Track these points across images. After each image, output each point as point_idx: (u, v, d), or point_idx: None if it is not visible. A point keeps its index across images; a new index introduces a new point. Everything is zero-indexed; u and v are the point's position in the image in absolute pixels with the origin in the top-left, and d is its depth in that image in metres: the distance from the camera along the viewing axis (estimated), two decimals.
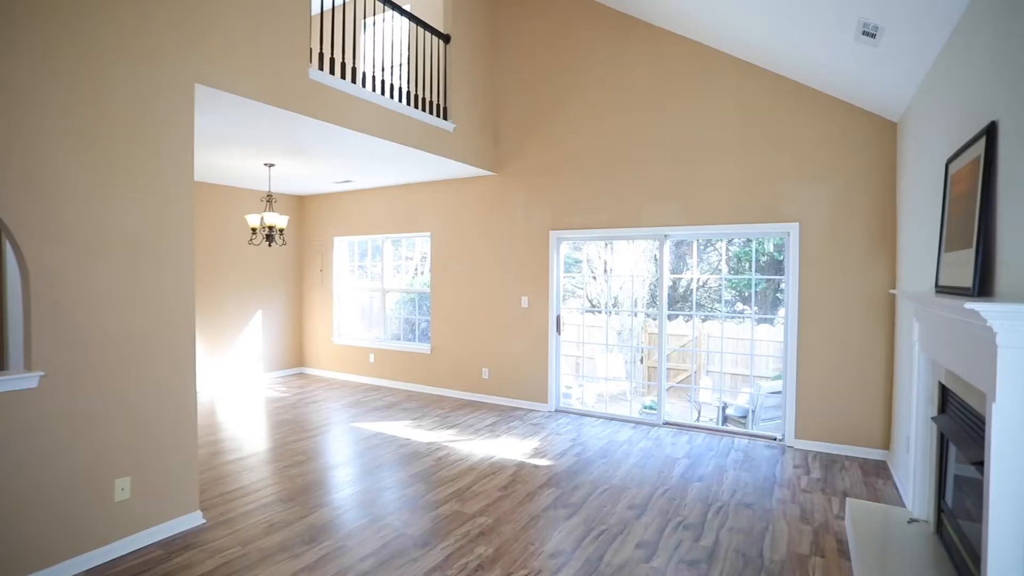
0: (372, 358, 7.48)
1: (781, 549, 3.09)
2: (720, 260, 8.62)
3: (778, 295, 7.04)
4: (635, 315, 8.24)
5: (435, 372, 6.89)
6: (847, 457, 4.56)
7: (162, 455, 3.18)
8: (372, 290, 7.70)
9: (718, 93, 5.06)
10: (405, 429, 5.35)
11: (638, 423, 5.56)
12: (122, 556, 2.97)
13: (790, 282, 4.82)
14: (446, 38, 5.59)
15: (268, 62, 3.75)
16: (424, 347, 6.99)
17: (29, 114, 2.64)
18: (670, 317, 5.52)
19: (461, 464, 4.40)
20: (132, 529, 3.05)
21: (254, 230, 6.07)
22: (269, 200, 6.10)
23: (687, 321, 8.06)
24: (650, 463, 4.42)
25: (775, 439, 4.97)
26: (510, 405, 6.25)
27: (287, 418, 5.75)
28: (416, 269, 8.13)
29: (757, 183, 4.92)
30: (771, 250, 7.67)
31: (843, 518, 3.44)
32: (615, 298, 8.71)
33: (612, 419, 5.71)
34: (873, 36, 3.18)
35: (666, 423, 5.48)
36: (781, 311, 5.26)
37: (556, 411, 6.01)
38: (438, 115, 5.47)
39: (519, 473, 4.21)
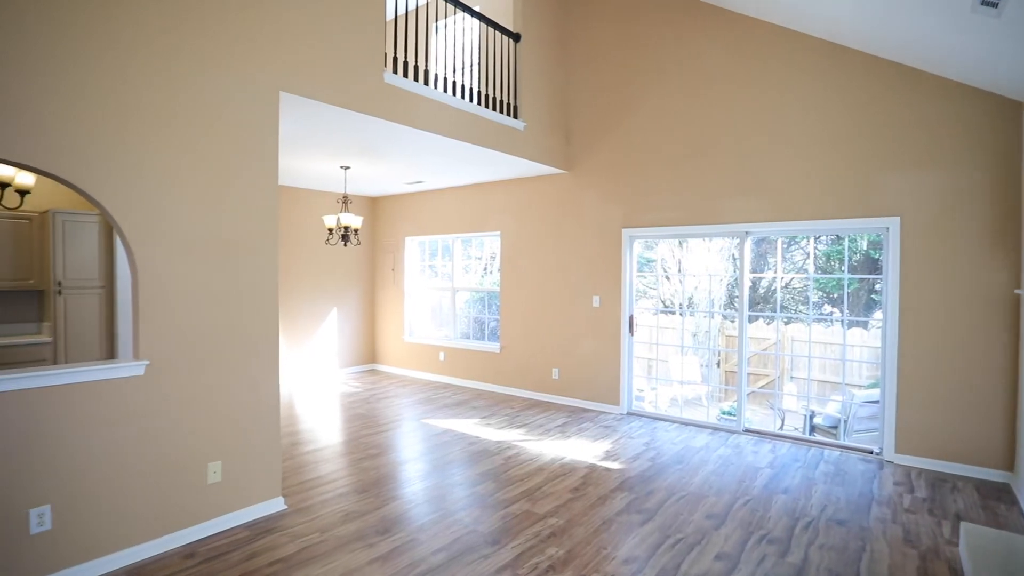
0: (442, 356, 7.60)
1: (881, 572, 2.82)
2: (806, 259, 8.10)
3: (873, 296, 6.50)
4: (711, 316, 7.90)
5: (504, 371, 6.90)
6: (960, 477, 4.12)
7: (249, 442, 3.35)
8: (442, 289, 7.83)
9: (803, 79, 4.73)
10: (474, 427, 5.38)
11: (716, 429, 5.31)
12: (214, 534, 3.15)
13: (889, 282, 4.43)
14: (516, 37, 5.58)
15: (346, 68, 3.87)
16: (493, 346, 7.02)
17: (138, 127, 2.86)
18: (750, 319, 5.22)
19: (531, 464, 4.36)
20: (222, 510, 3.23)
21: (330, 230, 6.32)
22: (345, 201, 6.33)
23: (768, 323, 7.62)
24: (729, 471, 4.20)
25: (872, 452, 4.58)
26: (580, 406, 6.15)
27: (360, 412, 5.93)
28: (485, 268, 8.19)
29: (850, 174, 4.56)
30: (865, 247, 7.11)
31: (956, 544, 3.10)
32: (689, 298, 8.40)
33: (687, 424, 5.48)
34: (995, 6, 2.84)
35: (746, 430, 5.19)
36: (877, 314, 4.85)
37: (628, 414, 5.85)
38: (509, 114, 5.47)
39: (590, 475, 4.11)
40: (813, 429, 5.42)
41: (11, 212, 4.84)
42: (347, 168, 5.99)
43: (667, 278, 8.56)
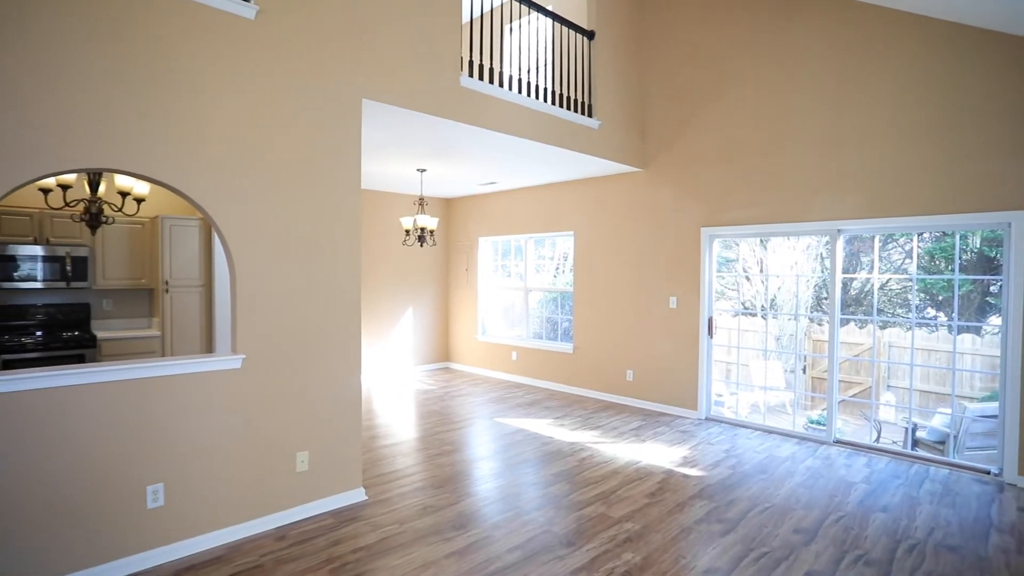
0: (514, 356, 7.65)
1: None
2: (905, 258, 7.48)
3: (988, 299, 5.88)
4: (796, 319, 7.45)
5: (577, 372, 6.84)
6: None
7: (332, 435, 3.51)
8: (515, 289, 7.88)
9: (905, 62, 4.36)
10: (547, 427, 5.37)
11: (803, 439, 5.00)
12: (301, 520, 3.33)
13: (1011, 283, 3.99)
14: (590, 34, 5.52)
15: (424, 74, 3.98)
16: (566, 346, 6.98)
17: (237, 139, 3.07)
18: (841, 323, 4.88)
19: (605, 467, 4.29)
20: (309, 497, 3.40)
21: (407, 232, 6.52)
22: (421, 203, 6.51)
23: (862, 327, 7.09)
24: (819, 484, 3.94)
25: (988, 473, 4.14)
26: (655, 410, 5.99)
27: (435, 409, 6.07)
28: (557, 268, 8.16)
29: (961, 165, 4.15)
30: (978, 245, 6.46)
31: None
32: (772, 300, 7.97)
33: (771, 432, 5.20)
34: None
35: (838, 441, 4.85)
36: (993, 319, 4.38)
37: (706, 419, 5.63)
38: (583, 113, 5.42)
39: (667, 481, 3.99)
40: (915, 444, 4.99)
41: (129, 218, 5.36)
42: (423, 171, 6.16)
43: (747, 279, 8.17)
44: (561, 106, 5.17)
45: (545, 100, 5.05)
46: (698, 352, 5.66)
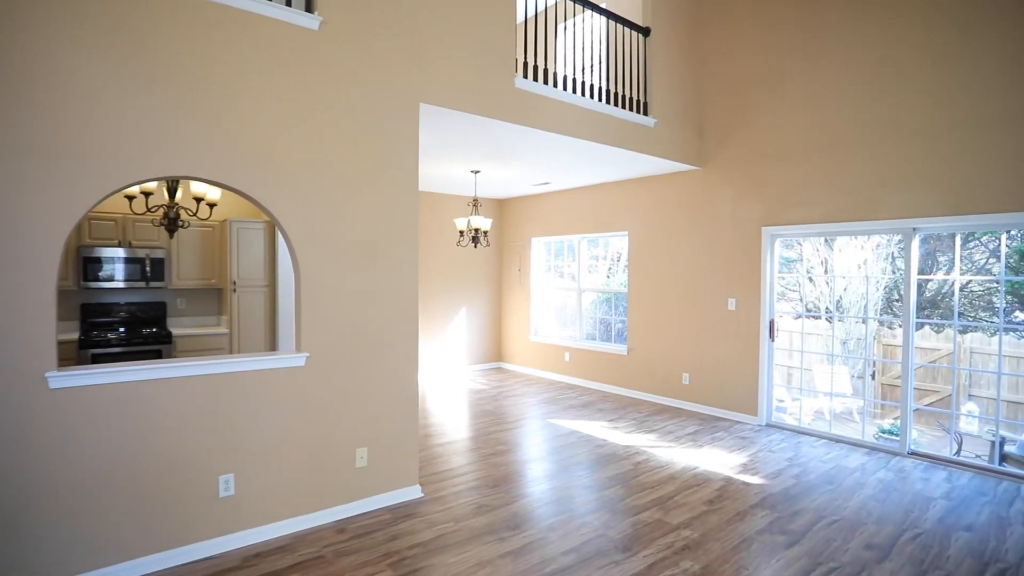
0: (567, 357, 7.61)
1: None
2: (988, 257, 6.96)
3: None
4: (865, 322, 7.06)
5: (631, 374, 6.73)
6: None
7: (390, 432, 3.60)
8: (568, 289, 7.84)
9: (988, 47, 4.05)
10: (601, 430, 5.31)
11: (873, 449, 4.73)
12: (360, 514, 3.42)
13: None
14: (645, 31, 5.42)
15: (479, 77, 4.01)
16: (620, 348, 6.88)
17: (301, 145, 3.20)
18: (916, 326, 4.59)
19: (662, 471, 4.20)
20: (367, 493, 3.50)
21: (462, 232, 6.60)
22: (475, 204, 6.57)
23: (938, 332, 6.65)
24: (892, 499, 3.72)
25: None
26: (713, 414, 5.82)
27: (488, 409, 6.12)
28: (609, 269, 8.06)
29: None
30: None
31: None
32: (838, 302, 7.58)
33: (838, 441, 4.95)
34: None
35: (912, 453, 4.56)
36: None
37: (767, 425, 5.42)
38: (638, 111, 5.33)
39: (727, 488, 3.87)
40: (1004, 458, 4.63)
41: (201, 222, 5.66)
42: (477, 172, 6.22)
43: (811, 279, 7.81)
44: (616, 105, 5.10)
45: (599, 99, 4.99)
46: (758, 355, 5.46)
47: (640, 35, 5.43)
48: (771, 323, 5.42)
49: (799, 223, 5.15)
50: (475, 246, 6.46)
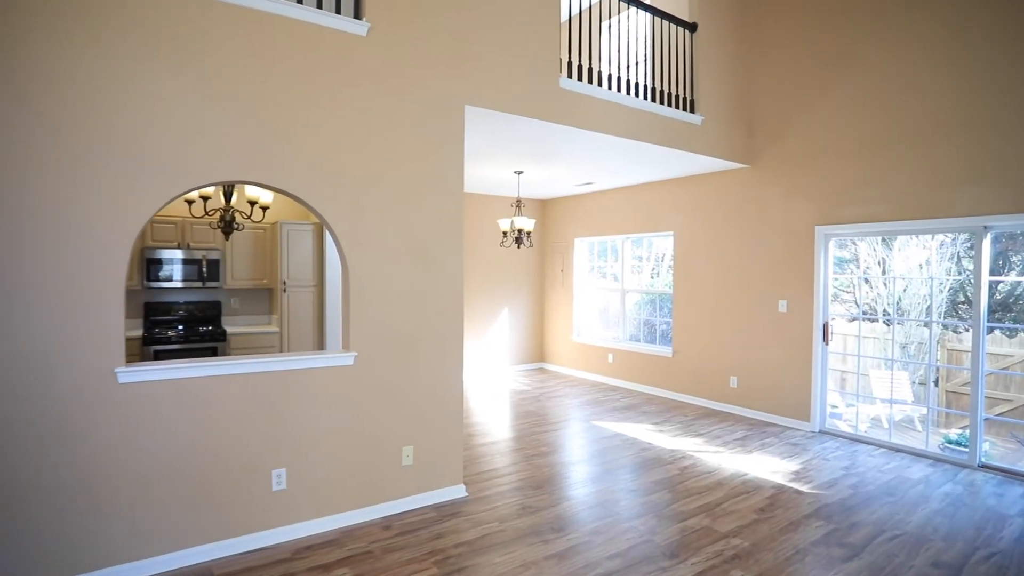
0: (611, 358, 7.52)
1: None
2: None
3: None
4: (929, 325, 6.69)
5: (677, 377, 6.60)
6: None
7: (435, 431, 3.63)
8: (611, 290, 7.75)
9: None
10: (646, 433, 5.22)
11: (938, 460, 4.48)
12: (406, 511, 3.47)
13: None
14: (691, 27, 5.30)
15: (524, 78, 4.01)
16: (665, 350, 6.76)
17: (349, 149, 3.27)
18: (987, 330, 4.32)
19: (709, 477, 4.10)
20: (413, 491, 3.54)
21: (504, 233, 6.61)
22: (518, 205, 6.58)
23: (1011, 337, 6.24)
24: (962, 514, 3.51)
25: None
26: (762, 419, 5.64)
27: (530, 410, 6.11)
28: (653, 270, 7.92)
29: None
30: None
31: None
32: (896, 304, 7.22)
33: (898, 450, 4.71)
34: None
35: (984, 466, 4.30)
36: None
37: (820, 432, 5.21)
38: (684, 108, 5.22)
39: (778, 497, 3.74)
40: None
41: (254, 224, 5.87)
42: (520, 173, 6.22)
43: (866, 280, 7.47)
44: (661, 103, 5.01)
45: (645, 97, 4.91)
46: (811, 359, 5.25)
47: (686, 31, 5.32)
48: (825, 326, 5.21)
49: (856, 222, 4.93)
50: (518, 247, 6.47)
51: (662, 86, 5.13)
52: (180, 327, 5.68)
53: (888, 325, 6.60)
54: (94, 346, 2.60)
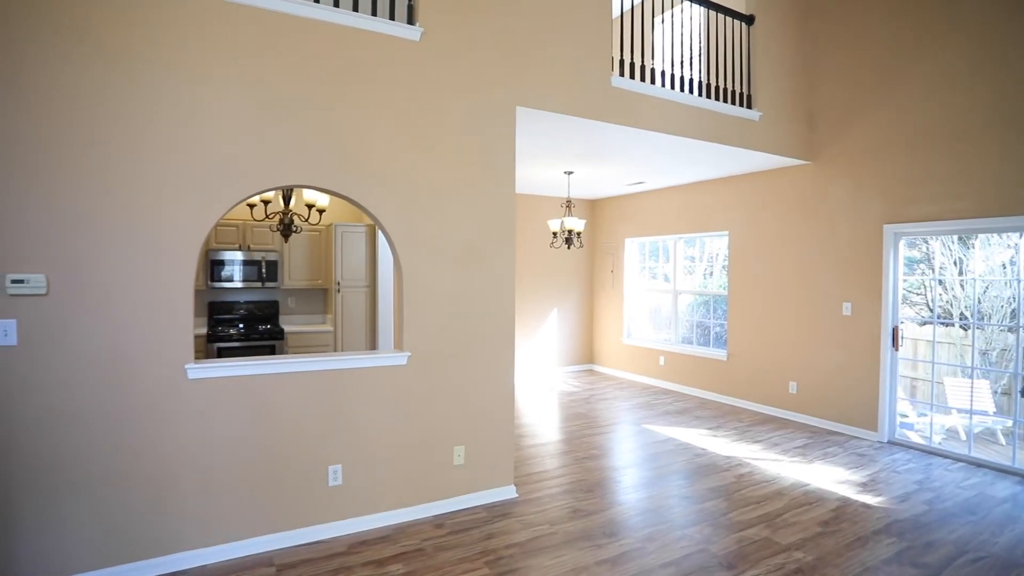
0: (662, 361, 7.36)
1: None
2: None
3: None
4: (1011, 331, 6.21)
5: (732, 381, 6.39)
6: None
7: (486, 431, 3.64)
8: (663, 291, 7.58)
9: None
10: (700, 438, 5.07)
11: None
12: (457, 511, 3.49)
13: None
14: (749, 19, 5.11)
15: (575, 77, 3.96)
16: (719, 353, 6.55)
17: (405, 152, 3.32)
18: None
19: (768, 486, 3.94)
20: (464, 490, 3.56)
21: (555, 234, 6.57)
22: (568, 205, 6.52)
23: None
24: None
25: None
26: (824, 427, 5.38)
27: (580, 412, 6.04)
28: (706, 271, 7.70)
29: None
30: None
31: None
32: (976, 307, 6.73)
33: (979, 465, 4.39)
34: None
35: None
36: None
37: (889, 443, 4.92)
38: (741, 104, 5.04)
39: (844, 510, 3.55)
40: None
41: (311, 227, 6.07)
42: (570, 173, 6.17)
43: (940, 282, 7.01)
44: (716, 99, 4.86)
45: (699, 94, 4.78)
46: (879, 365, 4.97)
47: (743, 24, 5.14)
48: (894, 330, 4.92)
49: (929, 220, 4.63)
50: (568, 247, 6.42)
51: (717, 81, 4.97)
52: (241, 325, 5.93)
53: (965, 330, 6.17)
54: (167, 344, 2.74)
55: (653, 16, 5.18)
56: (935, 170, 4.58)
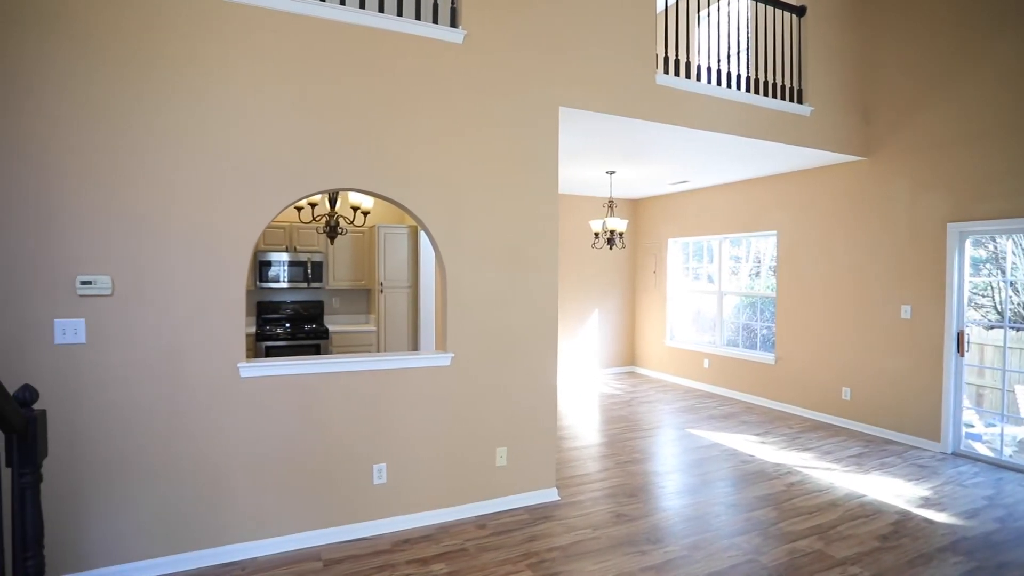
0: (706, 363, 7.18)
1: None
2: None
3: None
4: None
5: (780, 386, 6.18)
6: None
7: (528, 433, 3.62)
8: (707, 293, 7.40)
9: None
10: (747, 444, 4.92)
11: None
12: (499, 512, 3.49)
13: None
14: (800, 11, 4.93)
15: (620, 76, 3.90)
16: (767, 356, 6.35)
17: (448, 154, 3.34)
18: None
19: (820, 496, 3.78)
20: (506, 492, 3.56)
21: (596, 234, 6.51)
22: (610, 206, 6.45)
23: None
24: None
25: None
26: (881, 436, 5.14)
27: (621, 415, 5.96)
28: (752, 271, 7.47)
29: None
30: None
31: None
32: None
33: None
34: None
35: None
36: None
37: (953, 454, 4.66)
38: (791, 99, 4.87)
39: (904, 524, 3.37)
40: None
41: (354, 228, 6.19)
42: (612, 173, 6.10)
43: (1010, 284, 6.59)
44: (765, 94, 4.70)
45: (747, 89, 4.64)
46: (942, 371, 4.71)
47: (794, 15, 4.96)
48: (960, 335, 4.65)
49: (1001, 217, 4.36)
50: (610, 248, 6.34)
51: (766, 76, 4.81)
52: (287, 324, 6.10)
53: None
54: (221, 344, 2.83)
55: (698, 10, 5.06)
56: (1007, 165, 4.31)
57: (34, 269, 2.52)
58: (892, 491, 3.87)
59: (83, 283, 2.57)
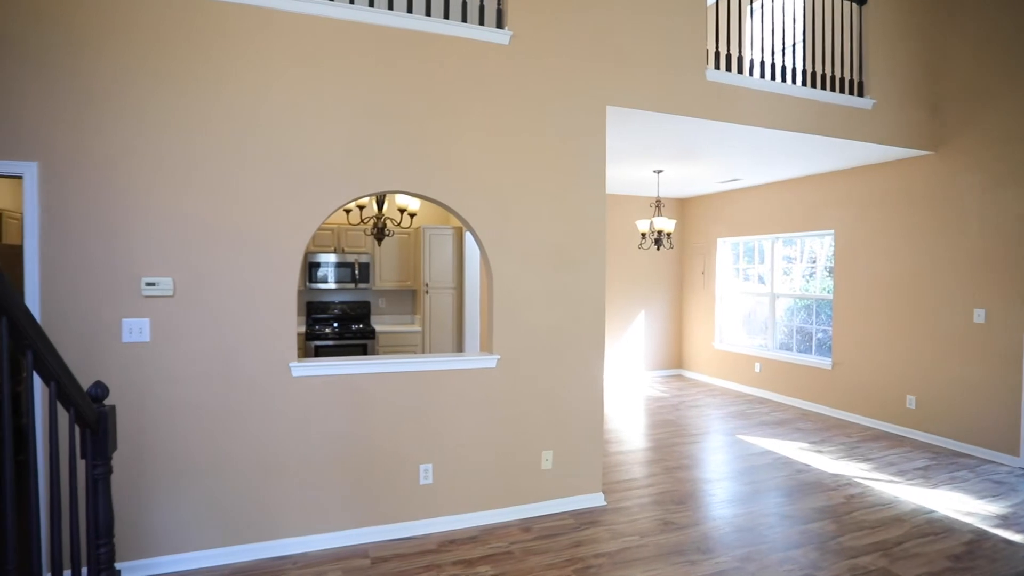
0: (758, 367, 6.94)
1: None
2: None
3: None
4: None
5: (837, 392, 5.90)
6: None
7: (574, 436, 3.58)
8: (759, 294, 7.15)
9: None
10: (801, 453, 4.72)
11: None
12: (544, 515, 3.46)
13: None
14: None
15: (668, 73, 3.81)
16: (823, 361, 6.08)
17: (494, 155, 3.33)
18: None
19: (883, 510, 3.58)
20: (551, 495, 3.53)
21: (643, 235, 6.39)
22: (658, 205, 6.31)
23: None
24: None
25: None
26: (949, 447, 4.83)
27: (668, 419, 5.82)
28: (806, 272, 7.16)
29: None
30: None
31: None
32: None
33: None
34: None
35: None
36: None
37: None
38: (851, 92, 4.64)
39: (979, 544, 3.15)
40: None
41: (400, 229, 6.28)
42: (660, 172, 5.97)
43: None
44: (823, 88, 4.50)
45: (803, 83, 4.44)
46: (1022, 380, 4.38)
47: (854, 4, 4.72)
48: None
49: None
50: (658, 248, 6.21)
51: (823, 69, 4.60)
52: (335, 324, 6.25)
53: None
54: (274, 344, 2.92)
55: (750, 3, 4.89)
56: None
57: (105, 271, 2.66)
58: (964, 507, 3.63)
59: (148, 284, 2.70)
